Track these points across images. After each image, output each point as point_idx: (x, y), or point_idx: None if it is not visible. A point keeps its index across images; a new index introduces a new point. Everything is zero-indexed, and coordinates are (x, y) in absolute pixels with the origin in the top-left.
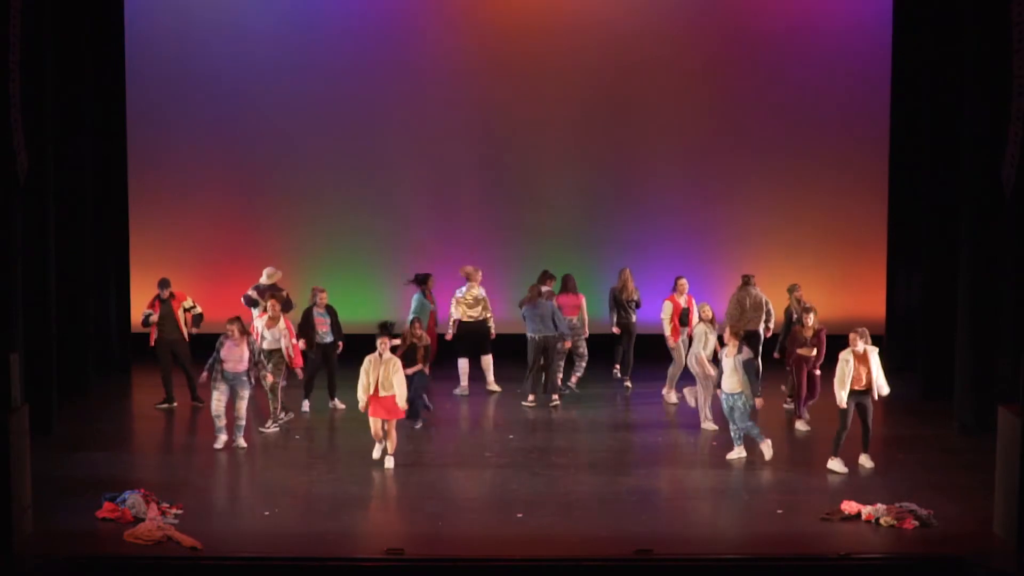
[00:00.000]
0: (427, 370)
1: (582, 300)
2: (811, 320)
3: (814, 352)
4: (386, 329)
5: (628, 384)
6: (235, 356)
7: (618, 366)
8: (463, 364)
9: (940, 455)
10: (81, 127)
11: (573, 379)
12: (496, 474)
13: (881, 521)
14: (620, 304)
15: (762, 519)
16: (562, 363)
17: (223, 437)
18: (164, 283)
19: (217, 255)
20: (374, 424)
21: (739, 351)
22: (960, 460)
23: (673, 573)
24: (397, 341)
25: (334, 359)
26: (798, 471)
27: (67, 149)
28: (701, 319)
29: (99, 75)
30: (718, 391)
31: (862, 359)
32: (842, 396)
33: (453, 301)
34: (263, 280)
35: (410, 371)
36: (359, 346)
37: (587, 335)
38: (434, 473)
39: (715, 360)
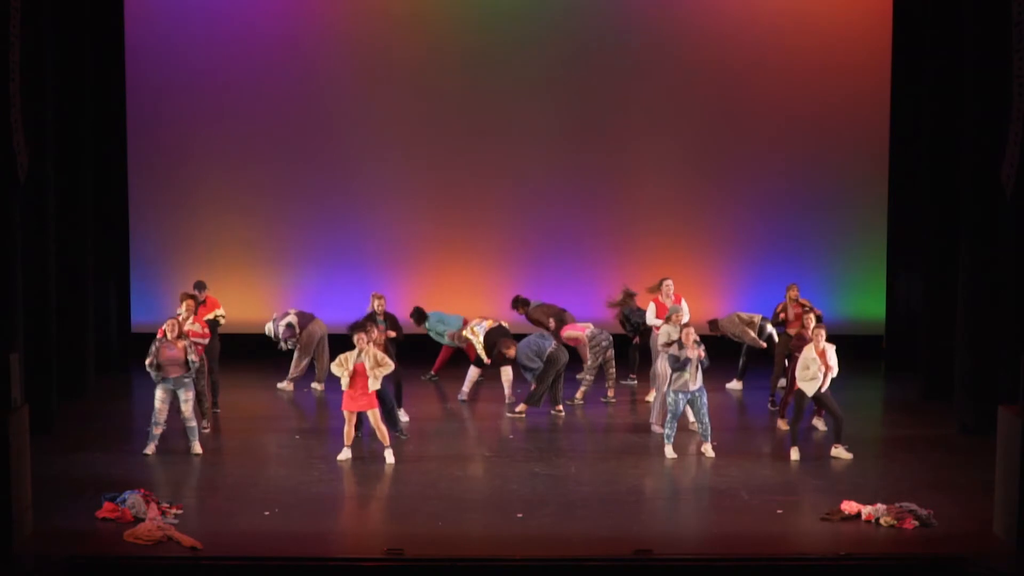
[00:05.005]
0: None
1: (585, 331)
2: (813, 323)
3: None
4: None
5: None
6: (172, 358)
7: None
8: (472, 372)
9: (940, 455)
10: (81, 127)
11: (579, 393)
12: (496, 474)
13: (881, 521)
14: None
15: (762, 519)
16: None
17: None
18: (200, 285)
19: (218, 255)
20: (350, 420)
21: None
22: (960, 460)
23: (673, 573)
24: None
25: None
26: (797, 471)
27: (67, 149)
28: (672, 320)
29: (99, 75)
30: (675, 390)
31: (822, 355)
32: (810, 387)
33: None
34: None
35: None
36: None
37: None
38: (434, 473)
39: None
